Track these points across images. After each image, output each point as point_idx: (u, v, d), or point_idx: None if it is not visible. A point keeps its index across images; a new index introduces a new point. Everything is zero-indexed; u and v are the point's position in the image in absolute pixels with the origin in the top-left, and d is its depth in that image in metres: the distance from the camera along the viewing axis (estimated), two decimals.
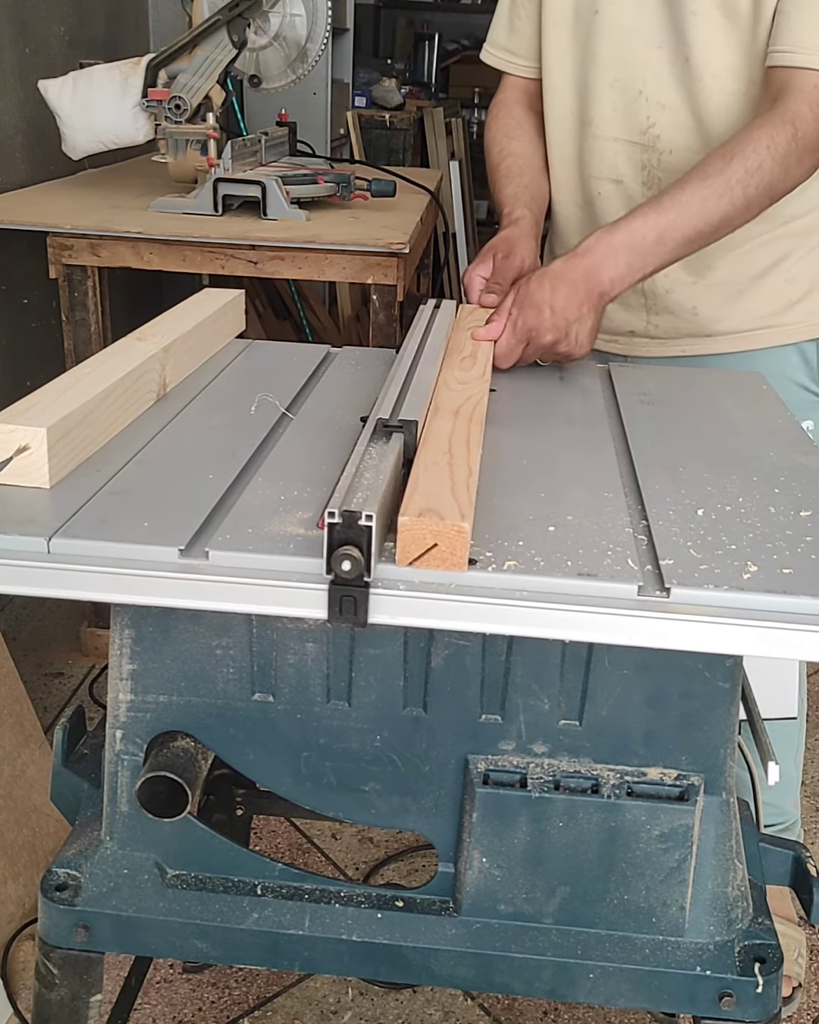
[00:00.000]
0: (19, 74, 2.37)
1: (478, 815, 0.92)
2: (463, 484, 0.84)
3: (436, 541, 0.77)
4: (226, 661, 0.92)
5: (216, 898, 0.97)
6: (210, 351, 1.25)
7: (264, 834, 1.94)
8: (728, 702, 0.91)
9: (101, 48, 2.78)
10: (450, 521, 0.77)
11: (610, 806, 0.91)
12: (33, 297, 2.44)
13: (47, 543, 0.79)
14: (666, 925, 0.94)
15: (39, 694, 2.30)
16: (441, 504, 0.80)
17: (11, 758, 1.70)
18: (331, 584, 0.75)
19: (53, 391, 0.95)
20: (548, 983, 0.95)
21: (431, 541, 0.77)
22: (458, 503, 0.81)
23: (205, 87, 2.09)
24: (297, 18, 2.25)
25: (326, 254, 1.93)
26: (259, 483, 0.91)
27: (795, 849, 1.06)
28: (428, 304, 1.30)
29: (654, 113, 1.42)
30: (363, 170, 2.43)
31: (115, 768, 0.96)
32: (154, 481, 0.91)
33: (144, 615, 0.91)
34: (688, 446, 1.06)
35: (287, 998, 1.63)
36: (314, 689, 0.92)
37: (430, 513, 0.78)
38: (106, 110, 2.09)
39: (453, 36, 6.75)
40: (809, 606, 0.77)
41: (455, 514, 0.78)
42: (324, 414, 1.10)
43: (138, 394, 1.05)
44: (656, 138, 1.43)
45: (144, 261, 1.98)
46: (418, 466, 0.88)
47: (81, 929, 0.98)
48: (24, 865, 1.66)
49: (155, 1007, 1.60)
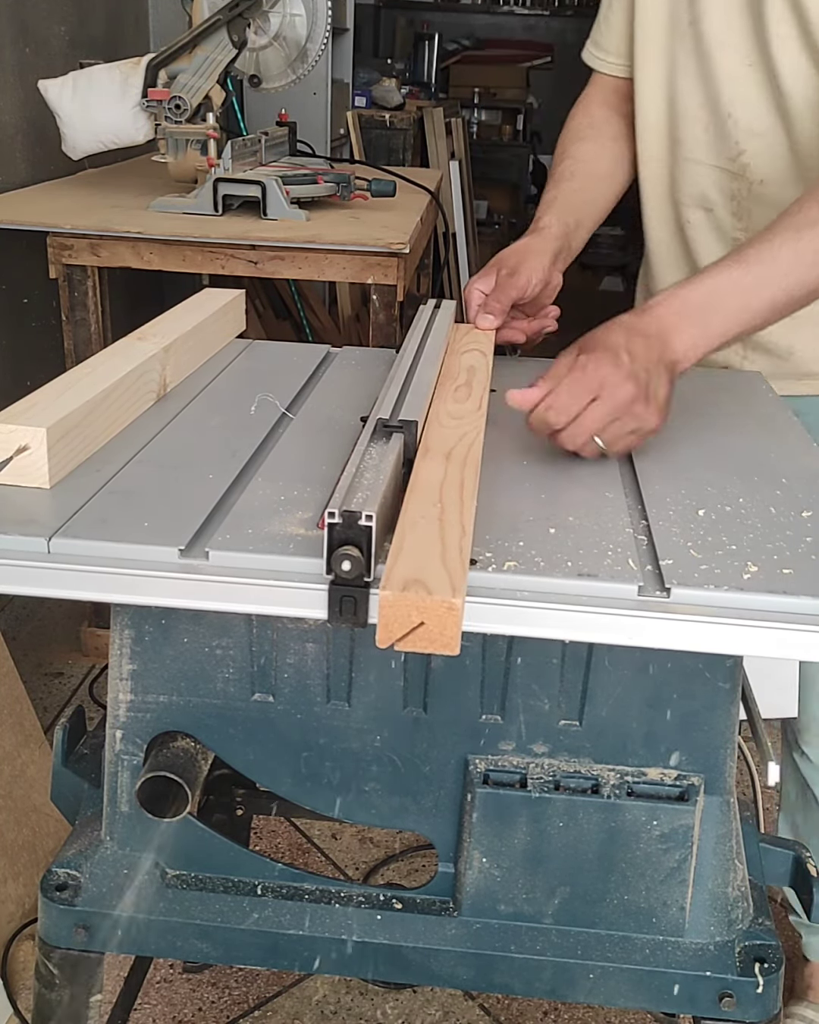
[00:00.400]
0: (19, 74, 2.37)
1: (478, 815, 0.92)
2: (455, 547, 0.75)
3: (423, 619, 0.69)
4: (226, 661, 0.92)
5: (216, 898, 0.97)
6: (210, 351, 1.25)
7: (264, 834, 1.94)
8: (728, 702, 0.91)
9: (101, 48, 2.78)
10: (439, 597, 0.68)
11: (610, 806, 0.91)
12: (33, 297, 2.44)
13: (47, 543, 0.79)
14: (666, 925, 0.94)
15: (39, 694, 2.30)
16: (429, 573, 0.71)
17: (11, 758, 1.70)
18: (331, 584, 0.75)
19: (53, 391, 0.95)
20: (548, 983, 0.95)
21: (417, 619, 0.69)
22: (449, 572, 0.71)
23: (205, 87, 2.09)
24: (297, 18, 2.25)
25: (326, 254, 1.93)
26: (259, 483, 0.91)
27: (795, 849, 1.06)
28: (428, 304, 1.30)
29: (744, 139, 1.30)
30: (363, 170, 2.43)
31: (115, 768, 0.96)
32: (154, 481, 0.91)
33: (144, 615, 0.91)
34: (688, 446, 1.06)
35: (287, 998, 1.63)
36: (314, 689, 0.92)
37: (416, 586, 0.69)
38: (106, 110, 2.09)
39: (453, 36, 6.75)
40: (809, 606, 0.77)
41: (445, 587, 0.69)
42: (324, 414, 1.09)
43: (138, 394, 1.05)
44: (745, 166, 1.31)
45: (144, 261, 1.98)
46: (404, 522, 0.78)
47: (81, 929, 0.98)
48: (24, 865, 1.66)
49: (155, 1007, 1.60)
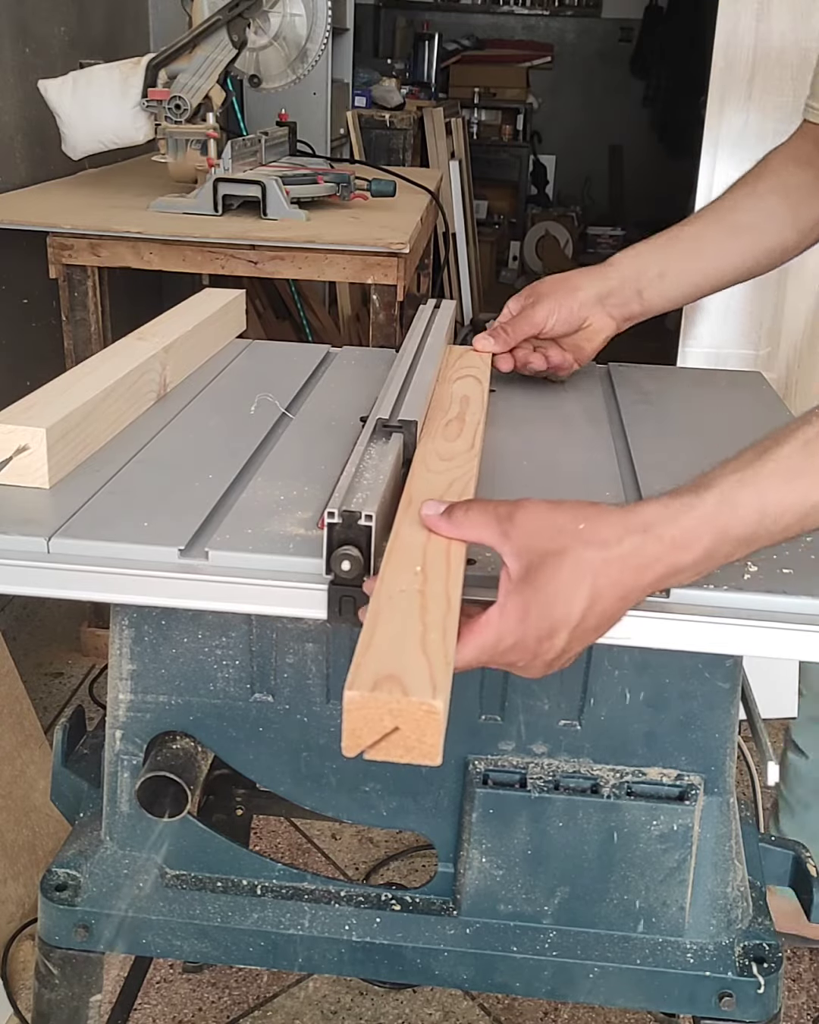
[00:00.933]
0: (19, 74, 2.37)
1: (478, 815, 0.92)
2: (438, 627, 0.64)
3: (397, 724, 0.58)
4: (226, 661, 0.92)
5: (216, 898, 0.97)
6: (210, 351, 1.25)
7: (264, 834, 1.94)
8: (728, 702, 0.91)
9: (101, 48, 2.78)
10: (417, 698, 0.58)
11: (610, 806, 0.91)
12: (33, 297, 2.44)
13: (47, 543, 0.79)
14: (666, 925, 0.94)
15: (39, 694, 2.29)
16: (406, 666, 0.60)
17: (11, 758, 1.70)
18: (331, 584, 0.75)
19: (53, 391, 0.95)
20: (548, 983, 0.95)
21: (390, 724, 0.58)
22: (430, 664, 0.61)
23: (205, 87, 2.09)
24: (297, 18, 2.25)
25: (326, 254, 1.93)
26: (259, 483, 0.91)
27: (795, 849, 1.06)
28: (428, 304, 1.30)
29: None
30: (363, 170, 2.43)
31: (115, 768, 0.96)
32: (154, 481, 0.91)
33: (144, 615, 0.91)
34: (688, 446, 1.06)
35: (287, 998, 1.63)
36: (314, 689, 0.92)
37: (389, 684, 0.59)
38: (106, 110, 2.09)
39: (453, 36, 6.75)
40: (809, 606, 0.77)
41: (424, 685, 0.59)
42: (324, 414, 1.09)
43: (138, 394, 1.05)
44: None
45: (144, 261, 1.98)
46: (379, 597, 0.67)
47: (81, 929, 0.98)
48: (24, 865, 1.66)
49: (155, 1007, 1.60)
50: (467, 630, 0.71)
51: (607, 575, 0.71)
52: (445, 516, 0.76)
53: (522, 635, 0.71)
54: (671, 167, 6.57)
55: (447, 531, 0.75)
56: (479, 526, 0.74)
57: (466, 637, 0.71)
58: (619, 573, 0.71)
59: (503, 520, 0.73)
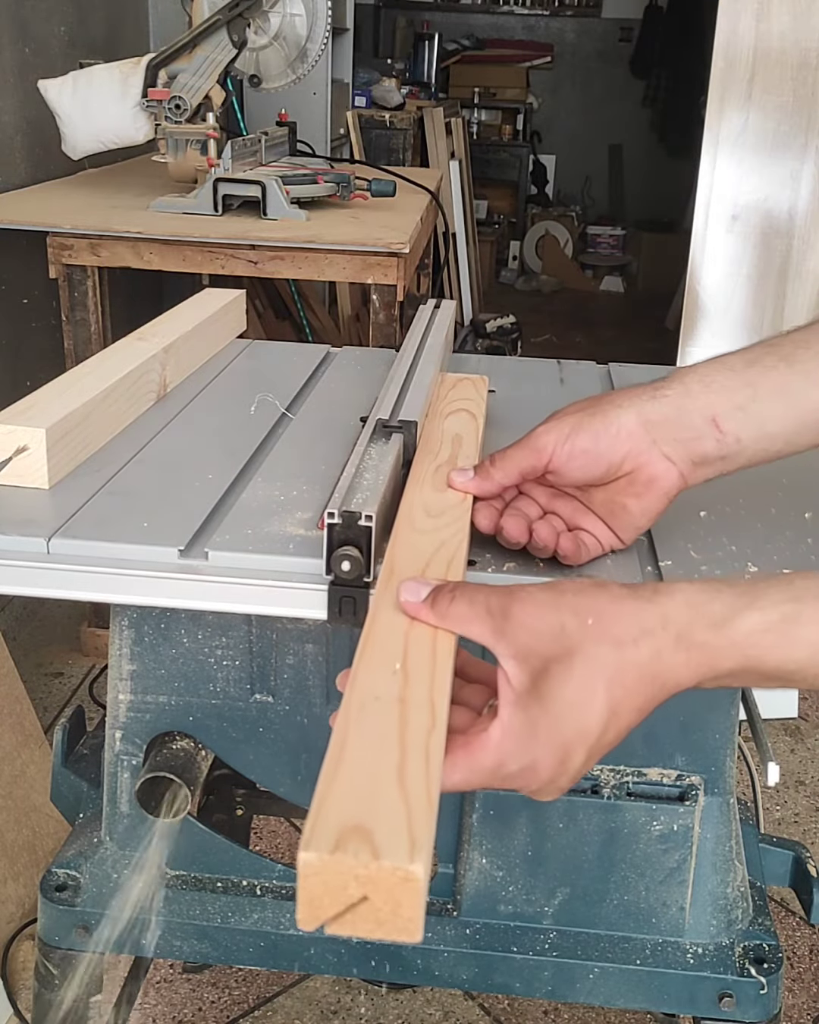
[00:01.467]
0: (19, 74, 2.37)
1: (478, 816, 0.92)
2: (420, 752, 0.52)
3: (366, 893, 0.46)
4: (226, 661, 0.92)
5: (216, 898, 0.97)
6: (211, 351, 1.25)
7: (264, 834, 1.94)
8: (728, 702, 0.91)
9: (101, 48, 2.78)
10: (390, 862, 0.45)
11: (610, 807, 0.91)
12: (33, 297, 2.44)
13: (47, 543, 0.79)
14: (666, 926, 0.94)
15: (39, 694, 2.29)
16: (378, 811, 0.48)
17: (11, 758, 1.70)
18: (331, 584, 0.75)
19: (53, 391, 0.95)
20: (548, 983, 0.95)
21: (357, 893, 0.46)
22: (409, 808, 0.49)
23: (205, 87, 2.09)
24: (297, 18, 2.25)
25: (326, 254, 1.93)
26: (259, 483, 0.91)
27: (795, 849, 1.06)
28: (428, 304, 1.30)
29: None
30: (363, 170, 2.43)
31: (115, 768, 0.96)
32: (154, 481, 0.91)
33: (144, 615, 0.91)
34: None
35: (287, 998, 1.63)
36: (314, 690, 0.92)
37: (356, 841, 0.46)
38: (106, 110, 2.09)
39: (453, 36, 6.76)
40: None
41: (399, 841, 0.47)
42: (324, 414, 1.09)
43: (138, 394, 1.05)
44: None
45: (144, 261, 1.98)
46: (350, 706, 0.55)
47: (81, 929, 0.98)
48: (24, 865, 1.66)
49: (155, 1007, 1.60)
50: (460, 748, 0.60)
51: (622, 683, 0.60)
52: (428, 604, 0.64)
53: (530, 760, 0.60)
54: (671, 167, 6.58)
55: (432, 621, 0.64)
56: (467, 621, 0.63)
57: (458, 757, 0.60)
58: (636, 681, 0.60)
59: (496, 615, 0.62)
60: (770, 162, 2.56)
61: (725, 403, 0.74)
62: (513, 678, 0.60)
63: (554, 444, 0.75)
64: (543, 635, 0.60)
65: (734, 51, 2.48)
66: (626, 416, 0.75)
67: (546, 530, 0.77)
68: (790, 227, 2.59)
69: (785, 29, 2.45)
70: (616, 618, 0.60)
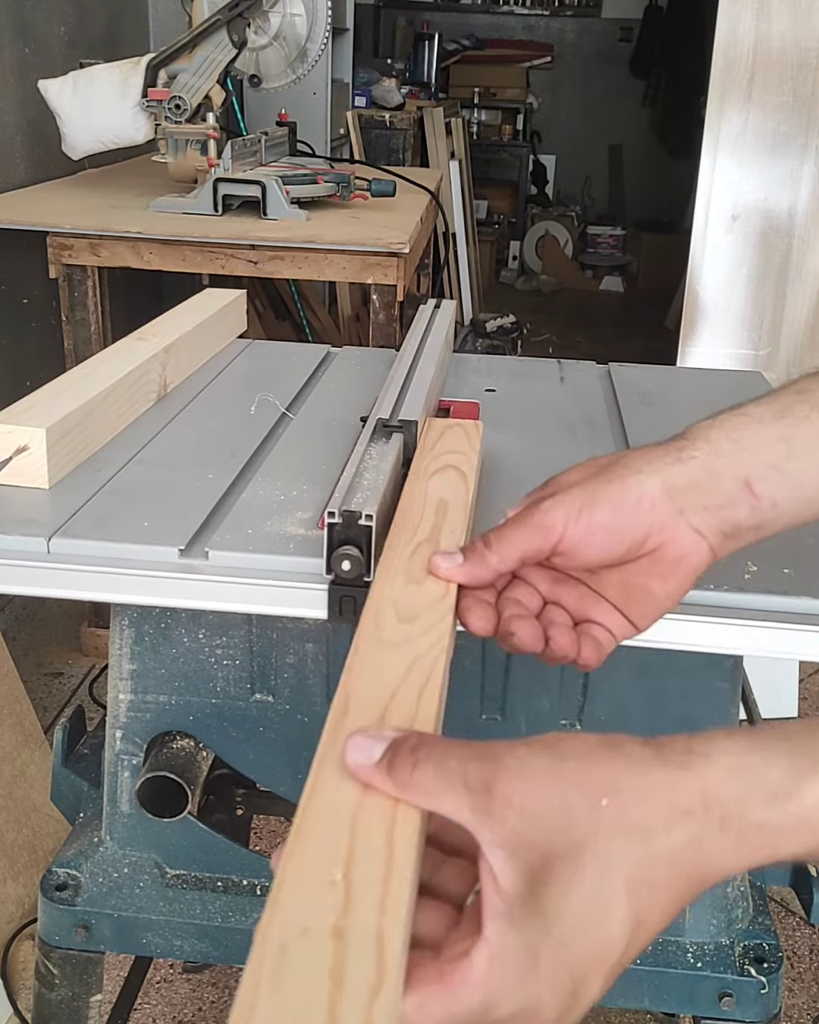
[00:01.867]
0: (19, 74, 2.37)
1: None
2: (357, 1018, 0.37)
3: None
4: (226, 661, 0.92)
5: (216, 898, 0.97)
6: (211, 351, 1.25)
7: (264, 834, 1.94)
8: (728, 702, 0.91)
9: (101, 48, 2.78)
10: None
11: None
12: (33, 297, 2.44)
13: (47, 543, 0.79)
14: None
15: (39, 694, 2.29)
16: None
17: (11, 758, 1.70)
18: (331, 584, 0.75)
19: (53, 391, 0.95)
20: None
21: None
22: None
23: (205, 87, 2.09)
24: (297, 18, 2.25)
25: (326, 254, 1.93)
26: (259, 483, 0.91)
27: None
28: (428, 304, 1.30)
29: None
30: (363, 170, 2.43)
31: (115, 768, 0.96)
32: (154, 481, 0.91)
33: (144, 615, 0.91)
34: None
35: None
36: (314, 689, 0.92)
37: None
38: (106, 110, 2.09)
39: (453, 36, 6.76)
40: (809, 606, 0.77)
41: None
42: (324, 414, 1.09)
43: (138, 394, 1.05)
44: None
45: (144, 261, 1.98)
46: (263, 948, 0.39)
47: (81, 929, 0.98)
48: (24, 865, 1.66)
49: (155, 1007, 1.60)
50: (432, 981, 0.44)
51: (650, 882, 0.45)
52: (383, 768, 0.48)
53: (530, 999, 0.44)
54: (671, 167, 6.59)
55: (389, 791, 0.47)
56: (436, 794, 0.46)
57: (429, 993, 0.44)
58: (669, 878, 0.45)
59: (476, 789, 0.46)
60: (770, 162, 2.56)
61: (757, 462, 0.63)
62: (502, 877, 0.45)
63: (564, 520, 0.61)
64: (541, 821, 0.45)
65: (734, 51, 2.48)
66: (649, 483, 0.62)
67: (566, 637, 0.63)
68: (790, 227, 2.59)
69: (785, 29, 2.45)
70: (640, 796, 0.46)
